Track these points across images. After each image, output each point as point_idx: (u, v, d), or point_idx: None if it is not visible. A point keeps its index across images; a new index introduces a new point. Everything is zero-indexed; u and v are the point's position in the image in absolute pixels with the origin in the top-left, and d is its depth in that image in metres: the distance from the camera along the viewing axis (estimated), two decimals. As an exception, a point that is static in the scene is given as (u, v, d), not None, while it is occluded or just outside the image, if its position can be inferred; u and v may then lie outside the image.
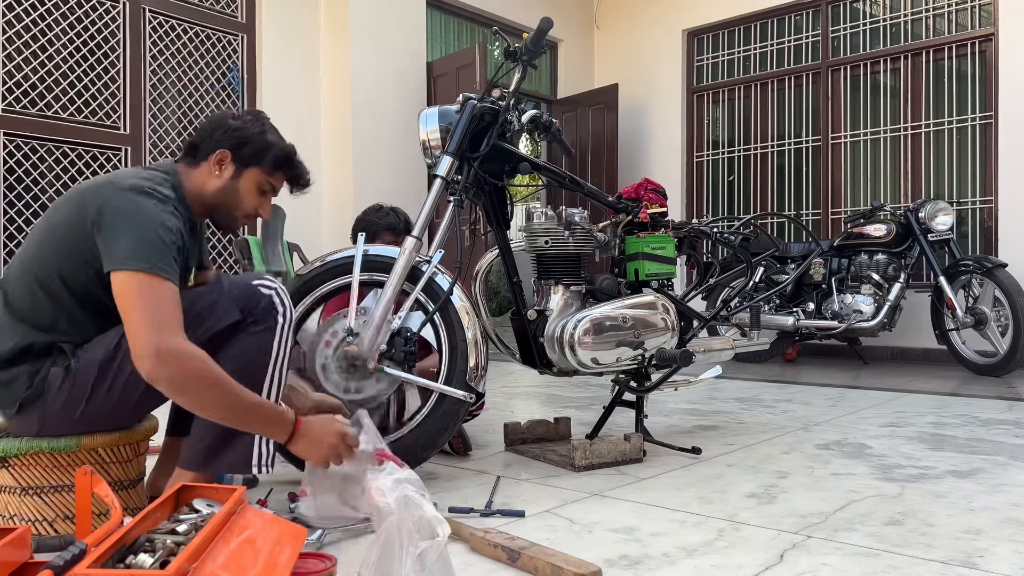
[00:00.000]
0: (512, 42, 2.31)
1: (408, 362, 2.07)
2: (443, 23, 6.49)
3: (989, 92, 5.45)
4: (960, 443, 2.65)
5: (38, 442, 1.56)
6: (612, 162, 6.81)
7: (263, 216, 1.81)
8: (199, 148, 1.72)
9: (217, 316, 1.60)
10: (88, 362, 1.56)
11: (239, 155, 1.72)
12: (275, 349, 1.66)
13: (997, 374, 4.54)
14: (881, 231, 4.87)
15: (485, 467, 2.31)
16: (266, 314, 1.64)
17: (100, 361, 1.56)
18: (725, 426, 3.00)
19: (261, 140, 1.74)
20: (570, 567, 1.36)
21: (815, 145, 6.28)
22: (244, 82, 5.30)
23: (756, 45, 6.64)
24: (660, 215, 2.58)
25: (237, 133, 1.72)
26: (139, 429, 1.69)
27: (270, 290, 1.66)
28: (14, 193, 4.33)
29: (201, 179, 1.71)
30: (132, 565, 1.00)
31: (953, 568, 1.46)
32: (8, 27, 4.31)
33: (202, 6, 5.13)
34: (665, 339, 2.46)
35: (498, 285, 8.61)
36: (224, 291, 1.62)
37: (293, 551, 1.18)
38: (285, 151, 1.78)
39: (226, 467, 1.65)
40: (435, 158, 2.26)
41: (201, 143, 1.72)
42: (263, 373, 1.64)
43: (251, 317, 1.62)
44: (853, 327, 4.80)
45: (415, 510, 1.18)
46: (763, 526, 1.73)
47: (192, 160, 1.73)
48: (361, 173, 5.45)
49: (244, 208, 1.76)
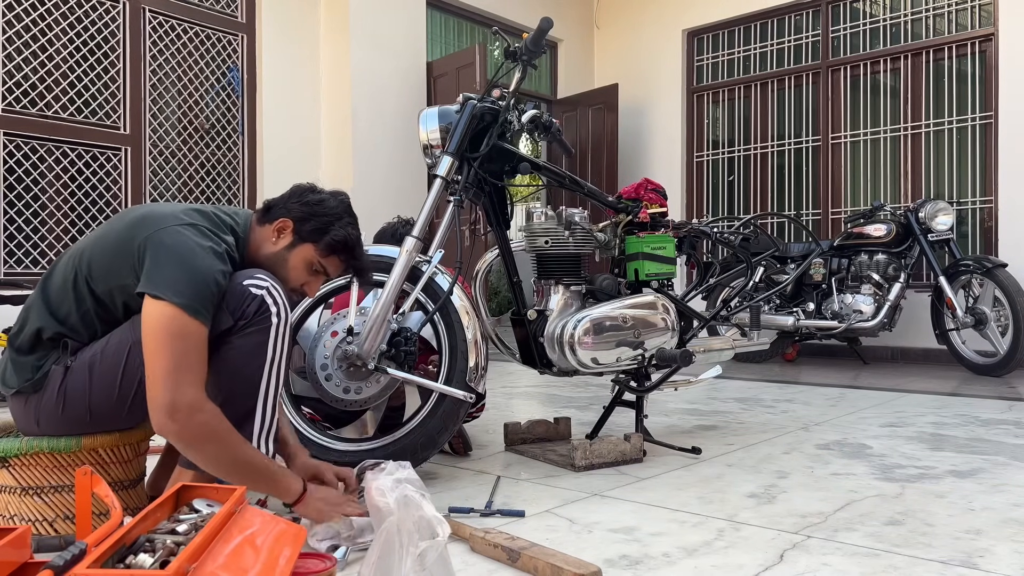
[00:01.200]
0: (512, 42, 2.31)
1: (408, 362, 2.07)
2: (443, 23, 6.50)
3: (989, 92, 5.45)
4: (960, 443, 2.65)
5: (38, 442, 1.56)
6: (612, 162, 6.81)
7: (308, 295, 1.80)
8: (272, 210, 1.73)
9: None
10: (82, 364, 1.57)
11: (300, 228, 1.71)
12: (270, 351, 1.62)
13: (997, 374, 4.54)
14: (881, 231, 4.88)
15: (485, 467, 2.31)
16: (258, 315, 1.59)
17: (90, 363, 1.57)
18: (725, 426, 3.00)
19: (325, 220, 1.71)
20: (570, 567, 1.36)
21: (815, 145, 6.28)
22: (244, 82, 5.30)
23: (756, 45, 6.64)
24: (660, 215, 2.58)
25: (307, 208, 1.71)
26: (139, 429, 1.69)
27: (261, 289, 1.60)
28: (14, 193, 4.33)
29: (260, 240, 1.72)
30: (132, 565, 1.00)
31: (953, 568, 1.46)
32: (8, 27, 4.30)
33: (202, 6, 5.13)
34: (665, 339, 2.46)
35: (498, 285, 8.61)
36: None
37: (293, 551, 1.18)
38: (345, 237, 1.73)
39: None
40: (435, 158, 2.26)
41: (275, 205, 1.74)
42: (258, 377, 1.62)
43: (243, 320, 1.57)
44: (853, 327, 4.80)
45: (415, 510, 1.18)
46: (763, 526, 1.73)
47: (263, 218, 1.73)
48: (361, 173, 5.46)
49: (290, 281, 1.73)
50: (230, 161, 5.27)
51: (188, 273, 1.50)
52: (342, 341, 2.07)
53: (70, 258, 1.63)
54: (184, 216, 1.59)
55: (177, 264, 1.50)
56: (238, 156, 5.30)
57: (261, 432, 1.65)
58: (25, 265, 4.33)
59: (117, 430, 1.64)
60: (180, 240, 1.53)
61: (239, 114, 5.30)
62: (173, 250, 1.51)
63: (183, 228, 1.55)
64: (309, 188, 1.76)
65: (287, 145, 5.43)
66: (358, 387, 2.07)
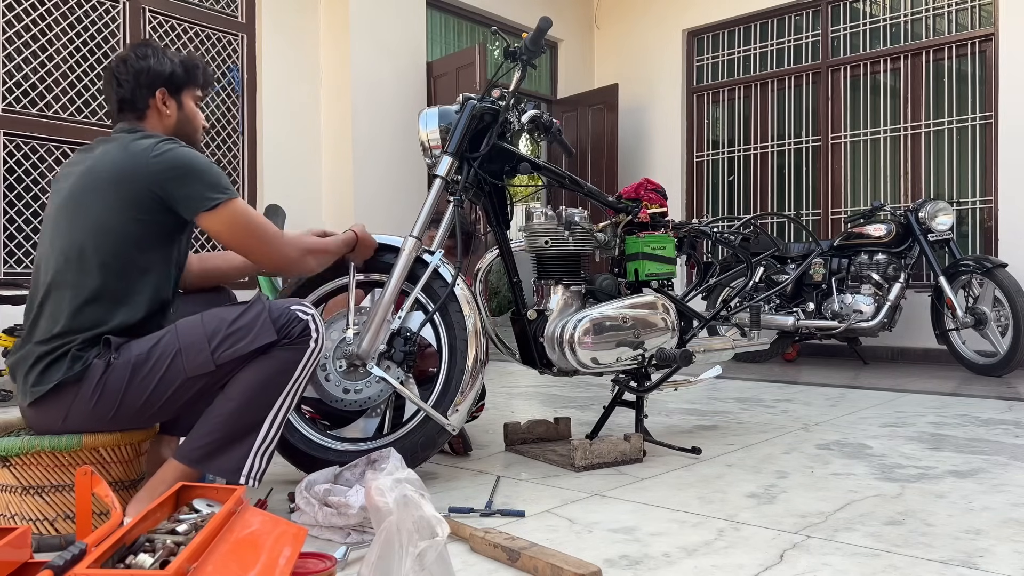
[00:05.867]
0: (512, 42, 2.31)
1: (408, 362, 2.07)
2: (443, 23, 6.49)
3: (989, 92, 5.45)
4: (960, 443, 2.65)
5: (39, 441, 1.56)
6: (612, 162, 6.81)
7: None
8: (132, 101, 1.78)
9: (253, 336, 1.64)
10: (124, 363, 1.60)
11: (171, 85, 1.81)
12: (298, 371, 1.70)
13: (997, 374, 4.53)
14: (881, 231, 4.87)
15: (485, 467, 2.31)
16: (301, 336, 1.69)
17: (134, 364, 1.60)
18: (725, 426, 3.00)
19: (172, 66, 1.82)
20: (570, 567, 1.36)
21: (815, 145, 6.28)
22: (244, 82, 5.30)
23: (756, 45, 6.64)
24: (660, 215, 2.58)
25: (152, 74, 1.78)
26: (142, 430, 1.70)
27: (307, 316, 1.72)
28: (14, 193, 4.33)
29: (156, 124, 1.80)
30: (132, 565, 1.00)
31: (953, 568, 1.46)
32: (8, 27, 4.30)
33: (202, 6, 5.13)
34: (665, 339, 2.46)
35: (498, 285, 8.61)
36: (263, 312, 1.67)
37: (293, 551, 1.18)
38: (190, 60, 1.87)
39: (215, 470, 1.66)
40: (435, 158, 2.26)
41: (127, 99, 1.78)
42: (278, 393, 1.68)
43: (286, 339, 1.67)
44: (853, 327, 4.80)
45: (414, 510, 1.18)
46: (763, 526, 1.73)
47: (136, 114, 1.79)
48: (361, 173, 5.45)
49: (199, 130, 1.89)
50: (230, 161, 5.27)
51: (209, 172, 1.69)
52: (341, 341, 2.07)
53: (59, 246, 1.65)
54: (148, 140, 1.69)
55: (198, 173, 1.67)
56: (238, 156, 5.30)
57: (261, 447, 1.68)
58: (25, 265, 4.33)
59: (139, 429, 1.66)
60: (181, 154, 1.68)
61: (239, 114, 5.30)
62: (187, 165, 1.67)
63: (167, 143, 1.69)
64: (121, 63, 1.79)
65: (287, 145, 5.43)
66: (358, 387, 2.07)
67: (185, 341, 1.62)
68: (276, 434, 1.70)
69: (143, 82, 1.77)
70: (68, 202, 1.68)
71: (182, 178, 1.66)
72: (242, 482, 1.65)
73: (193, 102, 1.87)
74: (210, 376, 1.63)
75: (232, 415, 1.64)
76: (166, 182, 1.65)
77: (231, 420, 1.64)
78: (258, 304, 1.69)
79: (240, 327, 1.64)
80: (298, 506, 1.67)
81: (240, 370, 1.65)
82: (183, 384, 1.62)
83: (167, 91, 1.80)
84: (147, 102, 1.78)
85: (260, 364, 1.65)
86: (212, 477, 1.75)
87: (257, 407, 1.66)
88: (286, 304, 1.71)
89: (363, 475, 1.77)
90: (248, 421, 1.66)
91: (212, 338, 1.62)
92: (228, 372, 1.65)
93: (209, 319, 1.66)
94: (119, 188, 1.65)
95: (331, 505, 1.63)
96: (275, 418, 1.69)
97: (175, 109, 1.82)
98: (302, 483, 1.71)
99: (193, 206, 1.67)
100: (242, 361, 1.64)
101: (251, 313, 1.66)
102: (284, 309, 1.69)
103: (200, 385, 1.64)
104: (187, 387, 1.63)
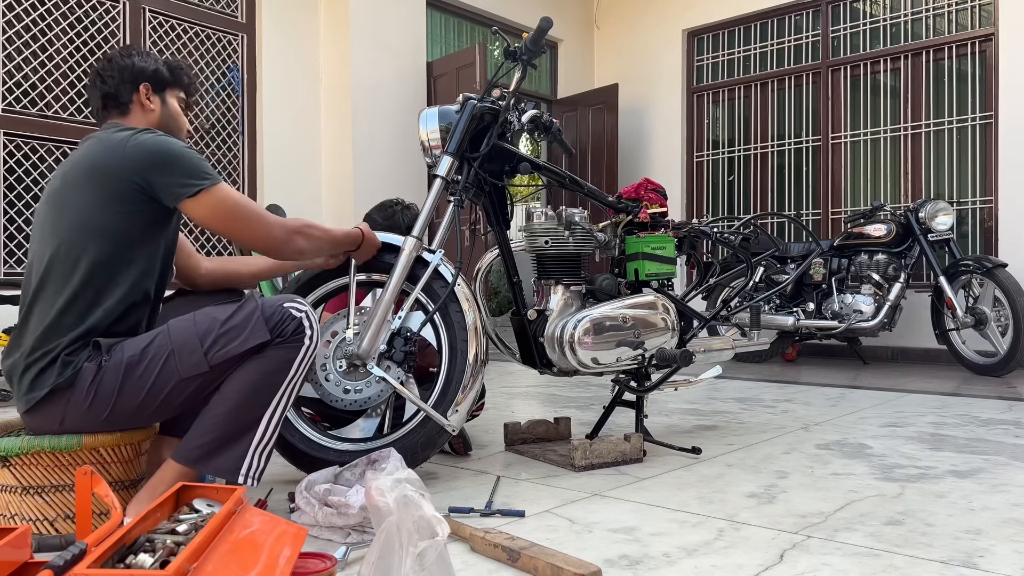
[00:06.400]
0: (512, 42, 2.31)
1: (408, 362, 2.07)
2: (443, 23, 6.49)
3: (989, 92, 5.45)
4: (960, 443, 2.65)
5: (39, 441, 1.56)
6: (612, 162, 6.81)
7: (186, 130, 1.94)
8: (115, 97, 1.79)
9: (246, 336, 1.63)
10: (116, 364, 1.59)
11: (155, 82, 1.82)
12: (293, 369, 1.69)
13: (997, 374, 4.53)
14: (881, 231, 4.87)
15: (485, 467, 2.31)
16: (295, 335, 1.68)
17: (127, 365, 1.59)
18: (725, 426, 3.00)
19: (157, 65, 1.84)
20: (570, 567, 1.36)
21: (815, 145, 6.28)
22: (244, 82, 5.30)
23: (756, 45, 6.64)
24: (660, 215, 2.58)
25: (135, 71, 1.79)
26: (141, 429, 1.70)
27: (301, 313, 1.70)
28: (14, 193, 4.33)
29: (139, 120, 1.80)
30: (132, 565, 1.00)
31: (953, 568, 1.46)
32: (8, 27, 4.31)
33: (202, 6, 5.13)
34: (665, 339, 2.46)
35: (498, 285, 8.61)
36: (256, 311, 1.66)
37: (293, 551, 1.18)
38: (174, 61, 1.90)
39: (213, 470, 1.66)
40: (435, 158, 2.26)
41: (111, 95, 1.79)
42: (274, 392, 1.67)
43: (279, 338, 1.66)
44: (853, 327, 4.80)
45: (414, 510, 1.18)
46: (763, 526, 1.73)
47: (119, 110, 1.80)
48: (361, 173, 5.45)
49: (183, 129, 1.89)
50: (230, 161, 5.27)
51: (188, 158, 1.67)
52: (341, 341, 2.07)
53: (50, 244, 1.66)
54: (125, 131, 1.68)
55: (176, 160, 1.65)
56: (238, 156, 5.30)
57: (259, 446, 1.67)
58: (25, 265, 4.33)
59: (136, 428, 1.66)
60: (158, 141, 1.66)
61: (239, 114, 5.30)
62: (165, 152, 1.65)
63: (144, 133, 1.67)
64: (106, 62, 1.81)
65: (287, 145, 5.43)
66: (358, 387, 2.07)
67: (178, 342, 1.61)
68: (274, 433, 1.70)
69: (127, 77, 1.78)
70: (51, 202, 1.68)
71: (160, 166, 1.64)
72: (241, 481, 1.65)
73: (177, 103, 1.87)
74: (204, 376, 1.63)
75: (228, 415, 1.64)
76: (145, 170, 1.63)
77: (227, 420, 1.64)
78: (251, 303, 1.67)
79: (233, 327, 1.63)
80: (298, 506, 1.67)
81: (235, 369, 1.64)
82: (177, 385, 1.61)
83: (151, 87, 1.81)
84: (131, 96, 1.79)
85: (255, 363, 1.64)
86: (211, 477, 1.75)
87: (253, 406, 1.65)
88: (279, 302, 1.69)
89: (363, 475, 1.77)
90: (245, 421, 1.65)
91: (204, 338, 1.61)
92: (223, 372, 1.64)
93: (201, 319, 1.65)
94: (99, 182, 1.63)
95: (331, 505, 1.63)
96: (272, 417, 1.68)
97: (159, 105, 1.83)
98: (302, 483, 1.71)
99: (175, 193, 1.65)
100: (236, 361, 1.63)
101: (244, 312, 1.65)
102: (277, 307, 1.67)
103: (195, 386, 1.63)
104: (182, 388, 1.62)
